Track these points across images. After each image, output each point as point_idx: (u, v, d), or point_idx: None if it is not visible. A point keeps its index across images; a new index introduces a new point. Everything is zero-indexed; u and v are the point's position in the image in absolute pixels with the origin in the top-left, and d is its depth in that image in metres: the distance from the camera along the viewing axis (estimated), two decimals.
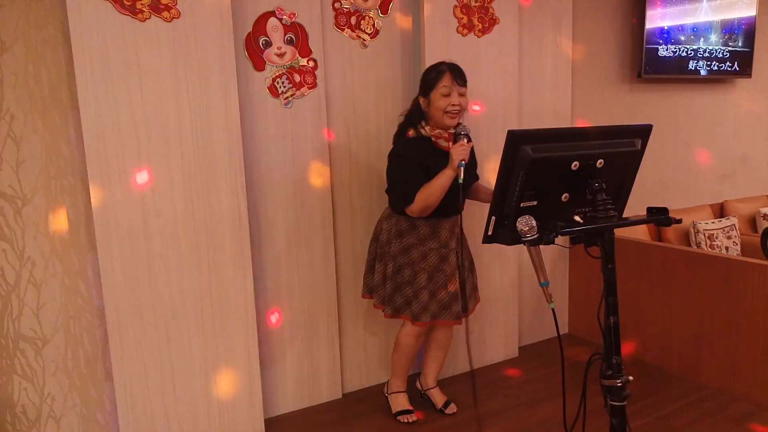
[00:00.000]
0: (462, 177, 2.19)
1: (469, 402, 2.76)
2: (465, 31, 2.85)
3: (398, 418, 2.60)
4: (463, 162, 2.20)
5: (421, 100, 2.36)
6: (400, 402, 2.64)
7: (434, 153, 2.32)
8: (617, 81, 3.81)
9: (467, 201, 2.61)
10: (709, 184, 4.50)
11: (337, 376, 2.84)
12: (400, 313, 2.44)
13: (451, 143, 2.30)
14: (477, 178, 2.61)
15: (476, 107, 2.93)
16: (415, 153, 2.31)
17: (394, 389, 2.66)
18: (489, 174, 2.94)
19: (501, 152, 1.41)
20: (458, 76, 2.31)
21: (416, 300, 2.40)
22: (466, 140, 2.25)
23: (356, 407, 2.77)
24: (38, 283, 2.20)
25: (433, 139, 2.34)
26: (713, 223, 3.99)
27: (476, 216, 2.96)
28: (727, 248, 3.99)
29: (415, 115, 2.39)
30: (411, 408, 2.63)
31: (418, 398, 2.74)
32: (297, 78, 2.53)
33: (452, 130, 2.32)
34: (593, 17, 3.59)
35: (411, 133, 2.37)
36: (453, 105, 2.28)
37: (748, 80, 4.51)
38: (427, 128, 2.35)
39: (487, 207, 2.30)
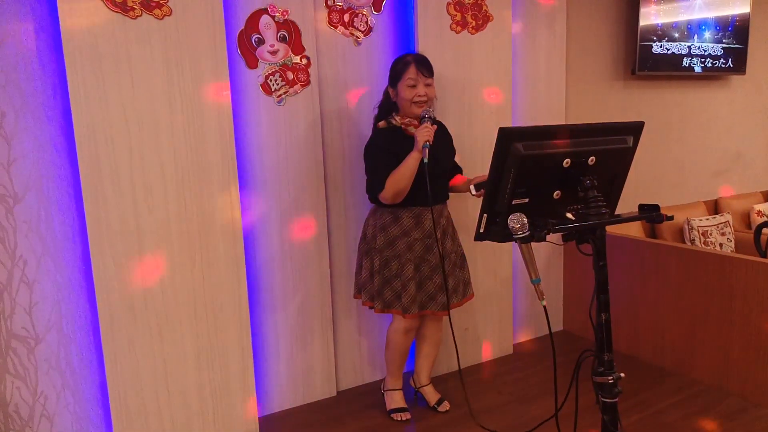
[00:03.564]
0: (427, 158, 2.22)
1: (463, 400, 2.76)
2: (458, 28, 2.85)
3: (392, 416, 2.60)
4: (427, 143, 2.23)
5: (390, 91, 2.43)
6: (395, 400, 2.64)
7: (405, 140, 2.36)
8: (611, 78, 3.81)
9: (454, 195, 2.63)
10: (703, 181, 4.51)
11: (331, 374, 2.83)
12: (390, 308, 2.45)
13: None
14: (460, 170, 2.64)
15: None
16: (384, 141, 2.37)
17: (389, 387, 2.67)
18: (484, 171, 2.94)
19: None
20: (423, 67, 2.36)
21: (405, 292, 2.40)
22: (429, 123, 2.30)
23: (350, 405, 2.77)
24: (30, 282, 2.19)
25: (402, 127, 2.39)
26: (707, 219, 4.00)
27: (468, 210, 2.96)
28: (721, 245, 4.00)
29: (385, 107, 2.46)
30: (405, 406, 2.63)
31: (414, 396, 2.75)
32: (290, 75, 2.52)
33: None
34: (587, 14, 3.60)
35: (382, 124, 2.43)
36: (419, 96, 2.34)
37: (742, 77, 4.52)
38: (398, 118, 2.41)
39: (475, 201, 2.33)
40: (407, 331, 2.53)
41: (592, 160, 1.48)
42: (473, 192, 2.32)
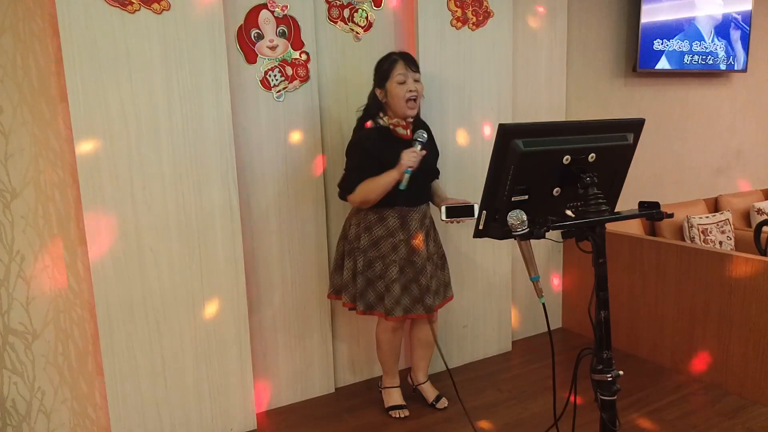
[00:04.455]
0: (405, 184, 2.22)
1: (461, 396, 2.75)
2: (459, 24, 2.84)
3: (390, 413, 2.60)
4: (409, 169, 2.22)
5: (378, 92, 2.39)
6: (393, 397, 2.64)
7: (392, 141, 2.34)
8: (612, 75, 3.80)
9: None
10: (704, 179, 4.50)
11: (329, 371, 2.83)
12: (373, 309, 2.43)
13: (408, 131, 2.35)
14: (437, 175, 2.59)
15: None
16: (369, 143, 2.34)
17: (386, 384, 2.66)
18: (484, 170, 2.93)
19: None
20: (411, 62, 2.35)
21: (388, 294, 2.39)
22: (419, 147, 2.27)
23: (349, 402, 2.76)
24: (28, 277, 2.18)
25: (391, 127, 2.37)
26: (707, 217, 4.00)
27: None
28: (720, 243, 3.99)
29: (372, 108, 2.41)
30: (403, 403, 2.63)
31: (411, 393, 2.74)
32: (289, 71, 2.51)
33: (410, 119, 2.36)
34: (588, 11, 3.58)
35: (369, 124, 2.40)
36: (410, 91, 2.31)
37: (744, 74, 4.51)
38: (386, 118, 2.38)
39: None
40: (395, 329, 2.53)
41: (592, 157, 1.47)
42: (443, 217, 2.26)
